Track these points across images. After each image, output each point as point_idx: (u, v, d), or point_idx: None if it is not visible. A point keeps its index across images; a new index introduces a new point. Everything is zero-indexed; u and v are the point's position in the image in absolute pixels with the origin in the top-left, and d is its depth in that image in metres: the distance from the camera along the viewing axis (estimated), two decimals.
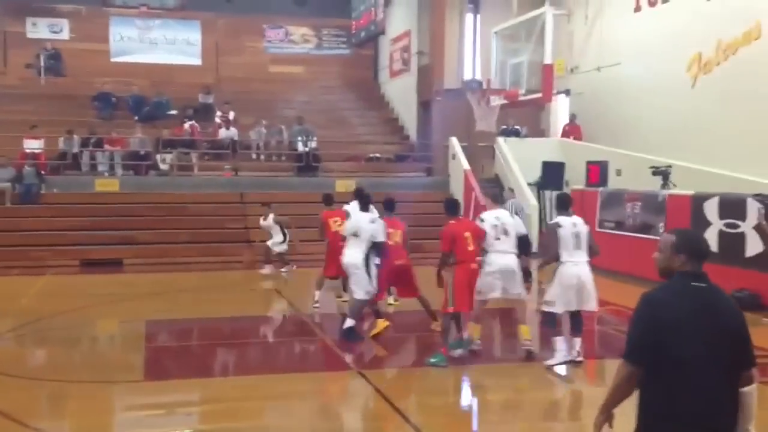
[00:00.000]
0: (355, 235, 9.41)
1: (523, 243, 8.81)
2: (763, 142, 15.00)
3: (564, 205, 8.67)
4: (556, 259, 8.27)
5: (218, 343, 9.92)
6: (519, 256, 8.59)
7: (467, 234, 8.35)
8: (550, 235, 8.41)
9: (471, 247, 8.32)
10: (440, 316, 8.74)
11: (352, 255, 9.32)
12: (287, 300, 12.36)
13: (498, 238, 8.37)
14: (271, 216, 14.72)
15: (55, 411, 7.30)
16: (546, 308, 8.42)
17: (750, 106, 15.59)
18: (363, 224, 9.45)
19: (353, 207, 10.49)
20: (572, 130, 20.03)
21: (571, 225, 8.25)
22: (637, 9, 19.31)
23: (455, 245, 8.25)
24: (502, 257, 8.37)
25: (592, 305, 8.40)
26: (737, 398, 3.44)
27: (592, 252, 8.34)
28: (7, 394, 7.52)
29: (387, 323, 9.52)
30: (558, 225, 8.27)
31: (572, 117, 20.10)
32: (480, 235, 8.46)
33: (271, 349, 10.04)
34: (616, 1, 19.48)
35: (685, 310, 3.38)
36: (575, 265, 8.16)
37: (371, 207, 10.22)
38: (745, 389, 3.46)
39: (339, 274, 10.74)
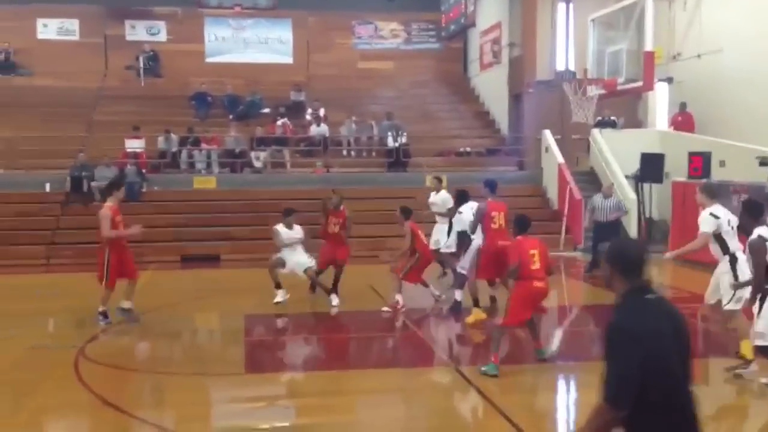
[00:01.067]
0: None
1: None
2: None
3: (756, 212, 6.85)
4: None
5: (315, 338, 9.99)
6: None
7: (533, 251, 8.02)
8: (759, 252, 6.42)
9: (536, 266, 7.96)
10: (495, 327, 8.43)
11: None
12: (380, 295, 12.35)
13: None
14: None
15: (158, 402, 7.49)
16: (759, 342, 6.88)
17: None
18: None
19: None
20: (684, 120, 19.11)
21: None
22: None
23: (520, 262, 7.93)
24: None
25: None
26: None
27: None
28: (113, 385, 7.77)
29: (484, 316, 9.61)
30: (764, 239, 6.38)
31: (683, 105, 19.16)
32: (547, 254, 8.16)
33: (368, 343, 10.04)
34: None
35: (653, 329, 3.18)
36: None
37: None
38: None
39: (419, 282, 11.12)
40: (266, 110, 23.12)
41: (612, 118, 20.28)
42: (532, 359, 8.36)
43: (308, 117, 22.52)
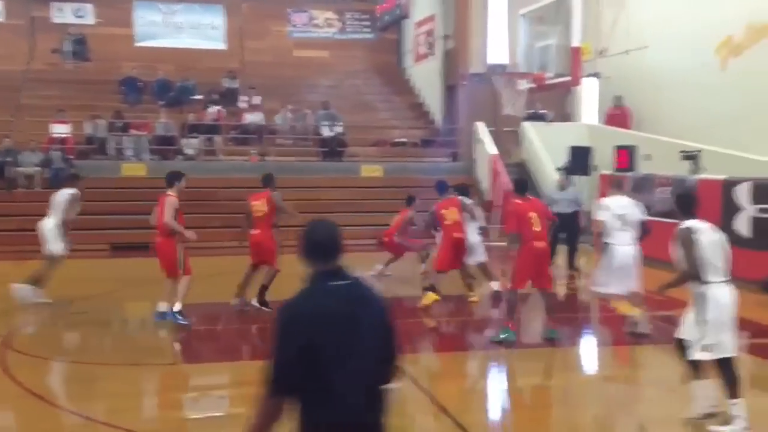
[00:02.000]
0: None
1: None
2: None
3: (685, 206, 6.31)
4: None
5: (249, 327, 9.95)
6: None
7: (532, 214, 8.37)
8: (684, 242, 5.93)
9: (537, 227, 8.33)
10: (505, 293, 8.92)
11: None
12: None
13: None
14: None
15: (87, 393, 7.36)
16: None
17: None
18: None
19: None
20: (620, 114, 19.39)
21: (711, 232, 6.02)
22: None
23: (521, 225, 8.30)
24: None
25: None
26: (385, 392, 3.25)
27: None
28: (40, 376, 7.61)
29: (437, 297, 10.28)
30: (692, 231, 5.92)
31: (617, 99, 19.50)
32: (548, 216, 8.63)
33: None
34: None
35: (325, 314, 3.08)
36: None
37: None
38: (390, 386, 3.29)
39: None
40: (198, 97, 22.79)
41: (542, 111, 20.74)
42: (470, 346, 8.58)
43: (242, 104, 22.29)
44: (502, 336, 8.40)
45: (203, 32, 26.18)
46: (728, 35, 16.97)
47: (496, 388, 7.96)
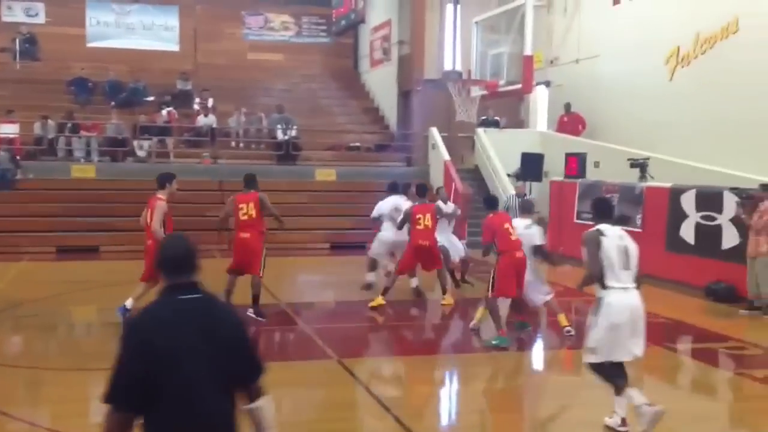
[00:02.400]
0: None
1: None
2: (739, 135, 15.16)
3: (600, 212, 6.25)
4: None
5: None
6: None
7: (507, 225, 8.88)
8: (588, 243, 5.94)
9: (514, 237, 8.81)
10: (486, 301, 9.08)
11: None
12: (269, 289, 12.30)
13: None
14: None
15: (32, 398, 7.24)
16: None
17: (726, 99, 15.74)
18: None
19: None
20: (571, 120, 19.61)
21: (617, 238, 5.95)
22: (616, 2, 19.40)
23: (497, 237, 8.74)
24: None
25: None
26: (237, 413, 3.14)
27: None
28: None
29: (383, 302, 10.56)
30: (600, 233, 5.93)
31: (567, 106, 19.74)
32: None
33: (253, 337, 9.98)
34: None
35: (174, 328, 3.01)
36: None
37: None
38: (254, 405, 3.19)
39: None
40: (151, 98, 22.52)
41: (495, 118, 20.98)
42: (421, 351, 8.63)
43: (196, 107, 22.10)
44: (494, 342, 8.60)
45: (157, 33, 25.89)
46: (676, 46, 17.37)
47: (450, 392, 8.03)
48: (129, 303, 9.34)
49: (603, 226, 5.95)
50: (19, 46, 23.54)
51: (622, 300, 5.75)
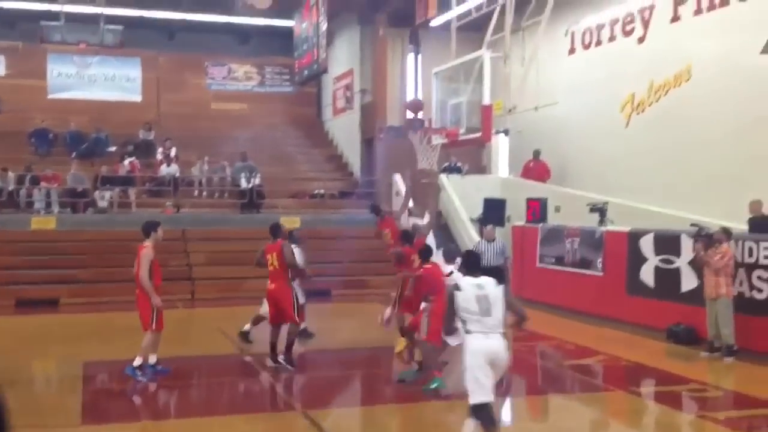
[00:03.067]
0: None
1: None
2: (694, 179, 15.52)
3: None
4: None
5: (159, 385, 9.70)
6: None
7: (441, 277, 8.84)
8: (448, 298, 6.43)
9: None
10: (422, 344, 9.03)
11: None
12: (231, 339, 12.20)
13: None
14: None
15: None
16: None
17: (680, 145, 16.15)
18: None
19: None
20: (537, 167, 19.80)
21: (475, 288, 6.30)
22: (572, 51, 19.93)
23: (437, 287, 8.61)
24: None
25: None
26: None
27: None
28: None
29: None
30: (456, 288, 6.39)
31: (536, 153, 19.88)
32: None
33: (214, 389, 9.86)
34: (552, 44, 20.04)
35: None
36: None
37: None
38: None
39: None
40: (112, 148, 22.43)
41: (458, 164, 21.23)
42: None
43: (159, 156, 22.04)
44: (433, 385, 8.50)
45: (119, 84, 25.90)
46: (631, 93, 17.83)
47: None
48: (137, 362, 9.28)
49: (461, 280, 6.40)
50: None
51: (481, 344, 6.04)
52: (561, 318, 13.76)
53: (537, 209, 16.24)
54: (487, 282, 6.28)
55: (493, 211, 17.69)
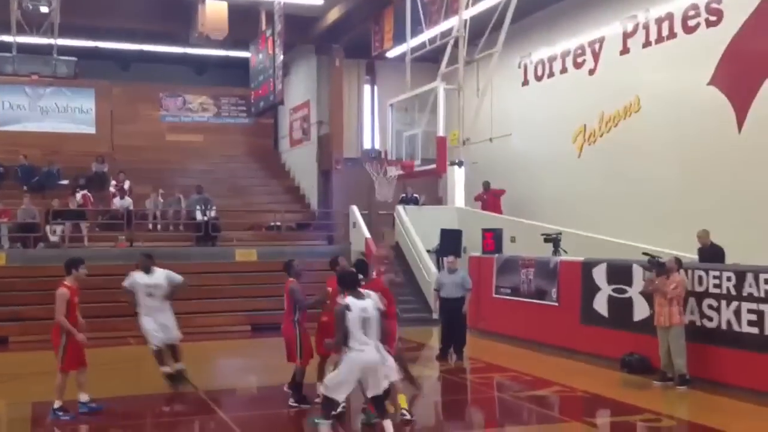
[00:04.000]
0: None
1: None
2: (644, 209, 15.83)
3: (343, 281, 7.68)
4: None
5: (109, 425, 9.48)
6: None
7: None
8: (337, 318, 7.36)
9: None
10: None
11: None
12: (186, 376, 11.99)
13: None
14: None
15: None
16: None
17: (631, 175, 16.48)
18: None
19: None
20: (490, 198, 19.93)
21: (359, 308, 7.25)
22: (525, 83, 20.30)
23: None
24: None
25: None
26: None
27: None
28: None
29: None
30: (345, 307, 7.27)
31: (486, 185, 20.05)
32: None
33: (168, 429, 9.67)
34: (505, 76, 20.38)
35: None
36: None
37: None
38: None
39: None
40: (65, 182, 22.08)
41: (415, 195, 21.37)
42: None
43: (112, 189, 21.75)
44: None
45: (72, 116, 25.60)
46: (583, 124, 18.18)
47: None
48: (57, 404, 9.04)
49: (351, 301, 7.27)
50: None
51: (357, 357, 7.21)
52: (517, 348, 13.82)
53: (492, 240, 16.35)
54: (369, 304, 7.28)
55: (450, 242, 17.80)
